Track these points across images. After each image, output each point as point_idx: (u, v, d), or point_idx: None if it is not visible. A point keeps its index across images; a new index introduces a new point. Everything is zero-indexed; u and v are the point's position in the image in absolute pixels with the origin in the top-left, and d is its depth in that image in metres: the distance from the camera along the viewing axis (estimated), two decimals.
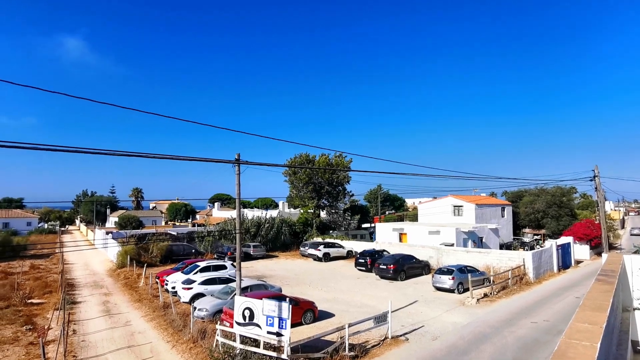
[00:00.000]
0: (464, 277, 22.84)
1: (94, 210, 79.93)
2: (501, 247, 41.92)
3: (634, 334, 7.21)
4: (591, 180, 26.78)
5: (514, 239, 48.89)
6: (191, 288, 20.26)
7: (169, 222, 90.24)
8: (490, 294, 22.37)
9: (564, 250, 32.79)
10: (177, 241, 38.82)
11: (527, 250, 35.58)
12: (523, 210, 54.59)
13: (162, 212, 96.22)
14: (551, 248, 30.86)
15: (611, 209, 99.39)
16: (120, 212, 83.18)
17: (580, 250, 38.40)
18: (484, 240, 39.68)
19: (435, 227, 38.22)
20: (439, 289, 23.36)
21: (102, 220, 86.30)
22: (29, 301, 21.36)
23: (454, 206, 47.91)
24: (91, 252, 42.44)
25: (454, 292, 22.66)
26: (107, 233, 48.94)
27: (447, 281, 22.97)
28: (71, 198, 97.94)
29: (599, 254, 36.10)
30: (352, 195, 53.93)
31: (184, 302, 19.88)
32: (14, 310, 19.25)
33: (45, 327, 16.50)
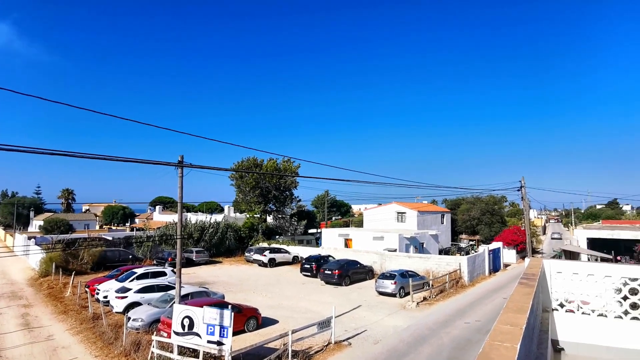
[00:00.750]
0: (406, 282, 23.68)
1: (14, 212, 72.49)
2: (440, 252, 44.08)
3: (553, 334, 7.89)
4: (518, 190, 29.11)
5: (452, 244, 51.72)
6: (126, 297, 19.00)
7: (104, 226, 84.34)
8: (429, 297, 23.41)
9: (495, 254, 35.27)
10: (113, 246, 36.35)
11: (463, 255, 37.79)
12: (460, 217, 58.04)
13: (96, 216, 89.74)
14: (484, 253, 33.06)
15: (535, 217, 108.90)
16: (47, 215, 76.26)
17: (509, 255, 41.54)
18: (424, 246, 41.52)
19: (379, 233, 39.34)
20: (381, 293, 24.00)
21: (24, 223, 78.56)
22: None
23: (398, 213, 49.72)
24: (9, 260, 38.34)
25: (395, 297, 23.40)
26: (30, 238, 44.52)
27: (389, 286, 23.68)
28: None
29: (524, 258, 39.32)
30: (300, 200, 54.03)
31: (117, 312, 18.59)
32: None
33: None
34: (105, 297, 20.32)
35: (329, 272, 27.45)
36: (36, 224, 73.79)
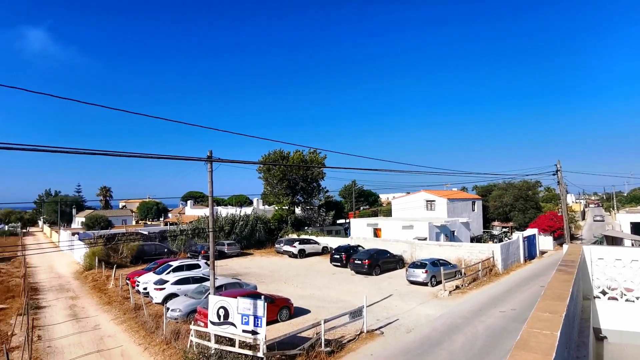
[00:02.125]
0: (437, 270, 23.41)
1: (58, 210, 76.63)
2: (472, 240, 43.17)
3: (595, 322, 7.62)
4: (554, 174, 27.98)
5: (484, 232, 50.50)
6: (164, 288, 19.81)
7: (139, 222, 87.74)
8: (462, 285, 23.05)
9: (530, 241, 34.16)
10: (149, 241, 37.81)
11: (496, 242, 36.84)
12: (492, 204, 56.46)
13: (132, 211, 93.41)
14: (518, 240, 32.09)
15: (573, 202, 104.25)
16: (87, 212, 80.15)
17: (545, 241, 40.12)
18: (455, 234, 40.78)
19: (408, 222, 38.93)
20: (412, 282, 23.85)
21: (67, 221, 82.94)
22: None
23: (427, 201, 48.96)
24: (56, 255, 40.72)
25: (427, 285, 23.19)
26: (73, 234, 47.02)
27: (420, 275, 23.48)
28: (33, 198, 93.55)
29: (562, 245, 37.88)
30: (327, 191, 54.16)
31: (156, 303, 19.41)
32: None
33: (9, 334, 15.74)
34: (145, 288, 21.24)
35: (359, 262, 27.50)
36: (78, 220, 77.75)
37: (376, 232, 42.05)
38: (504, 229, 51.76)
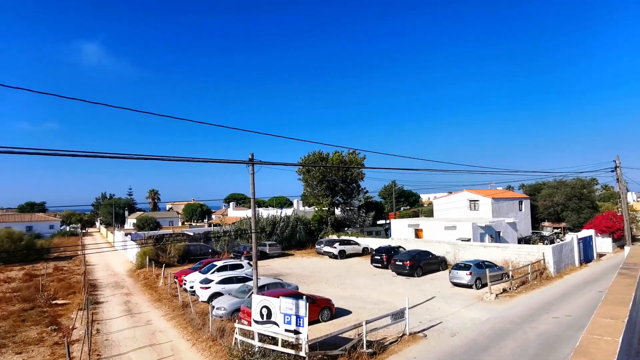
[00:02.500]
0: (482, 272, 22.56)
1: (112, 212, 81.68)
2: (519, 241, 41.20)
3: None
4: (612, 171, 26.06)
5: (532, 232, 48.02)
6: (209, 287, 20.54)
7: (185, 223, 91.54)
8: (510, 289, 22.04)
9: (586, 243, 32.03)
10: (194, 241, 39.37)
11: (546, 244, 34.88)
12: (541, 203, 53.51)
13: (178, 213, 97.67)
14: (572, 241, 30.19)
15: (634, 200, 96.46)
16: (138, 213, 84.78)
17: (603, 243, 37.47)
18: (501, 235, 39.09)
19: (451, 222, 37.81)
20: (456, 284, 23.14)
21: (120, 222, 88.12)
22: (54, 302, 22.00)
23: (470, 201, 47.29)
24: (111, 254, 43.42)
25: (471, 288, 22.41)
26: (126, 234, 49.94)
27: (464, 277, 22.73)
28: (91, 201, 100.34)
29: (622, 247, 35.17)
30: (367, 192, 53.81)
31: (202, 301, 20.18)
32: (39, 311, 19.85)
33: (70, 327, 16.97)
34: (192, 287, 22.14)
35: (400, 263, 27.08)
36: (130, 221, 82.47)
37: (417, 233, 41.21)
38: (555, 230, 48.90)
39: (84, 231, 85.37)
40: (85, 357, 12.92)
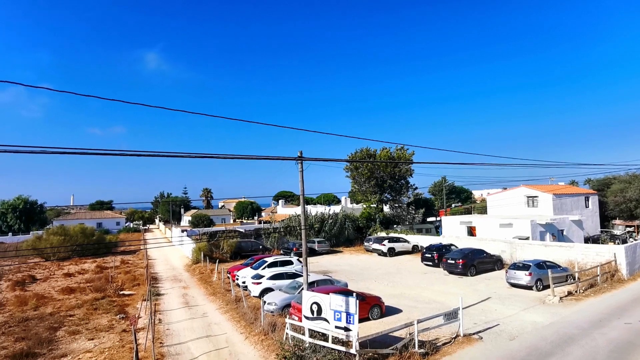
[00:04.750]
0: (543, 273, 21.17)
1: (170, 210, 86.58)
2: (586, 240, 38.22)
3: None
4: None
5: (601, 231, 44.30)
6: (260, 283, 21.11)
7: (236, 220, 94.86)
8: (576, 292, 20.48)
9: None
10: (245, 238, 40.68)
11: (618, 243, 32.01)
12: (612, 199, 49.17)
13: (230, 211, 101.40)
14: None
15: None
16: (193, 211, 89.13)
17: None
18: (564, 234, 36.45)
19: (507, 220, 35.86)
20: (513, 285, 21.92)
21: (177, 219, 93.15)
22: (121, 292, 23.75)
23: (528, 197, 44.54)
24: (170, 249, 46.06)
25: (531, 289, 21.11)
26: (182, 231, 52.75)
27: (523, 277, 21.46)
28: (151, 199, 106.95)
29: None
30: (416, 188, 52.58)
31: (253, 296, 20.79)
32: (108, 300, 21.53)
33: (136, 316, 18.21)
34: (244, 282, 22.89)
35: (452, 262, 26.15)
36: (186, 219, 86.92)
37: (470, 231, 39.57)
38: (629, 229, 44.77)
39: (145, 228, 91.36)
40: (149, 345, 13.80)
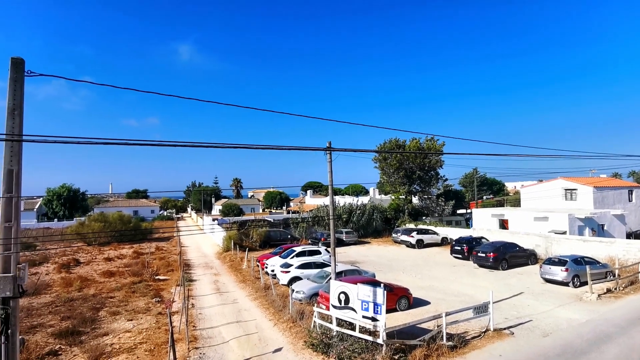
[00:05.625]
0: (581, 269, 20.37)
1: (201, 199, 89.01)
2: (629, 236, 36.36)
3: None
4: None
5: None
6: (289, 272, 21.48)
7: (265, 210, 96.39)
8: (615, 289, 19.59)
9: None
10: (274, 227, 41.34)
11: None
12: None
13: (259, 200, 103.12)
14: None
15: None
16: (223, 200, 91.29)
17: None
18: (605, 228, 34.78)
19: (542, 213, 34.59)
20: (548, 280, 21.23)
21: (208, 208, 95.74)
22: (156, 277, 24.83)
23: (566, 189, 42.68)
24: (201, 237, 47.52)
25: (567, 285, 20.38)
26: (213, 220, 54.20)
27: (559, 273, 20.73)
28: (183, 188, 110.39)
29: None
30: (446, 180, 51.57)
31: (282, 285, 21.20)
32: (145, 284, 22.57)
33: (171, 300, 19.02)
34: (273, 271, 23.35)
35: (483, 255, 25.59)
36: (216, 208, 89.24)
37: (503, 224, 38.49)
38: None
39: (178, 216, 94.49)
40: (183, 328, 14.41)
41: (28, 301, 18.92)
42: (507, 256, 25.54)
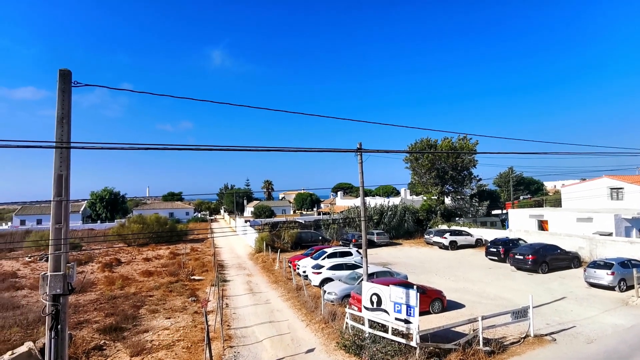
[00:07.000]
0: (628, 273, 19.23)
1: (234, 201, 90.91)
2: None
3: None
4: None
5: None
6: (320, 273, 21.56)
7: (296, 211, 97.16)
8: None
9: None
10: (305, 229, 41.61)
11: None
12: None
13: (290, 202, 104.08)
14: None
15: None
16: (255, 202, 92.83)
17: None
18: None
19: (585, 214, 32.90)
20: (592, 284, 20.17)
21: (240, 210, 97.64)
22: (192, 277, 25.61)
23: (611, 189, 40.37)
24: (234, 238, 48.54)
25: (613, 290, 19.29)
26: (246, 221, 55.24)
27: (604, 276, 19.65)
28: (216, 191, 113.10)
29: None
30: (480, 179, 50.09)
31: (314, 286, 21.30)
32: (181, 284, 23.34)
33: (206, 300, 19.57)
34: (304, 272, 23.52)
35: (521, 257, 24.65)
36: (248, 210, 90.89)
37: (542, 225, 36.93)
38: None
39: (211, 218, 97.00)
40: (218, 327, 14.80)
41: (75, 298, 20.02)
42: (548, 259, 24.48)
